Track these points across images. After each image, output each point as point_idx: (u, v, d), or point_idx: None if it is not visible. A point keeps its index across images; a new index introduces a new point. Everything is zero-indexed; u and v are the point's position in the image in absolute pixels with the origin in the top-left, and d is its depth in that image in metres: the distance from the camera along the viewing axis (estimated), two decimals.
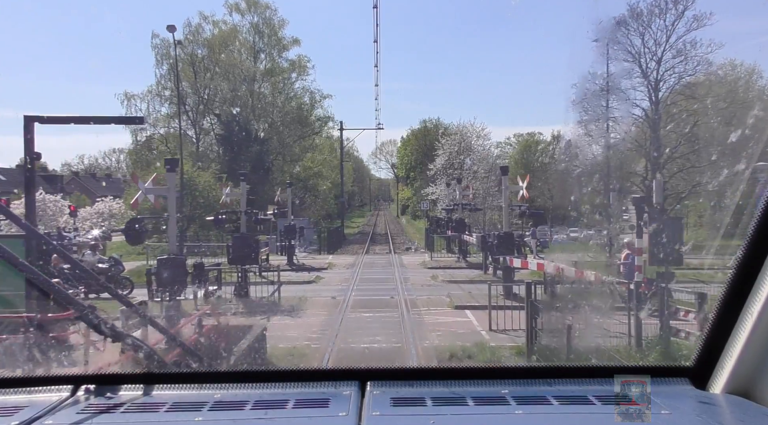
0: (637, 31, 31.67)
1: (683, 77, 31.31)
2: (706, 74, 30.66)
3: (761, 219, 1.76)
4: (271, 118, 44.23)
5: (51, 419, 1.70)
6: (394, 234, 49.09)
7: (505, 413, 1.75)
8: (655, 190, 11.84)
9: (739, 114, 27.35)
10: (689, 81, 31.07)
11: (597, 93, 33.63)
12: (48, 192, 34.72)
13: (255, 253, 16.69)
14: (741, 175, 3.78)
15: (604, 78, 32.69)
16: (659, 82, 32.86)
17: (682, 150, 30.41)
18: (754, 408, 1.79)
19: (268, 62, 47.31)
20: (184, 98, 43.87)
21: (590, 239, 35.90)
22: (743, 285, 1.83)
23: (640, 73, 32.88)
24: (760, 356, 1.82)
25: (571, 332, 8.09)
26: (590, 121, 32.91)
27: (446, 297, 15.50)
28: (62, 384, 1.92)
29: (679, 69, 31.47)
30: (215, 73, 42.76)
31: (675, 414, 1.74)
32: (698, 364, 1.98)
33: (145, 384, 1.93)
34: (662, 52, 31.47)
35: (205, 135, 44.68)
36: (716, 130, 27.94)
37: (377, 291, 17.31)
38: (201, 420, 1.72)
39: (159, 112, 42.55)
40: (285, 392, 1.90)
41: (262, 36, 46.82)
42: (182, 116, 46.04)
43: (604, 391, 1.88)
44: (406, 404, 1.81)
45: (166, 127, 43.64)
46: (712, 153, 27.07)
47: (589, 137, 34.73)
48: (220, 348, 6.46)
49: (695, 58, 30.70)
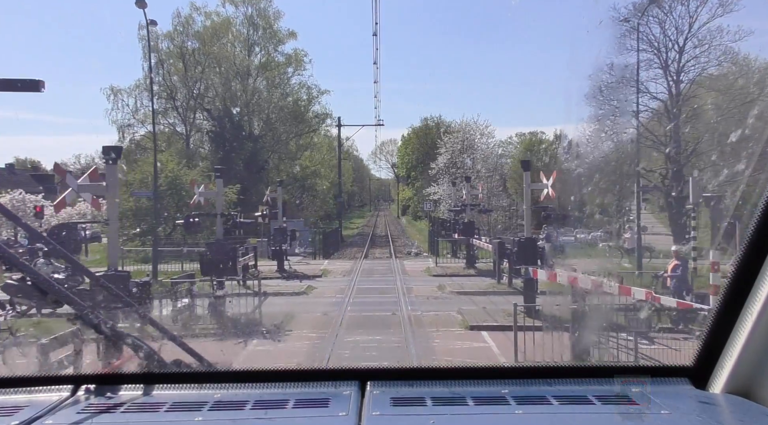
0: (656, 18, 28.96)
1: (706, 68, 28.61)
2: (731, 64, 27.99)
3: (761, 219, 1.77)
4: (266, 114, 41.79)
5: (51, 419, 1.71)
6: (394, 236, 46.62)
7: (505, 413, 1.76)
8: (691, 190, 9.28)
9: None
10: (713, 73, 28.42)
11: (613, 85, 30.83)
12: (36, 191, 32.47)
13: (233, 262, 14.13)
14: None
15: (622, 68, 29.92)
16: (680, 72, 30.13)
17: (704, 146, 27.81)
18: (754, 408, 1.79)
19: (263, 56, 44.97)
20: (173, 93, 41.50)
21: (597, 240, 33.26)
22: (743, 285, 1.83)
23: (659, 64, 30.15)
24: (760, 356, 1.82)
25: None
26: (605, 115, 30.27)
27: (457, 313, 13.24)
28: (62, 384, 1.95)
29: (703, 59, 28.69)
30: (206, 67, 40.09)
31: (675, 414, 1.75)
32: (698, 364, 1.98)
33: (145, 384, 1.95)
34: (684, 40, 28.81)
35: (196, 131, 42.00)
36: (741, 123, 25.33)
37: (376, 306, 15.53)
38: (201, 420, 1.73)
39: (147, 107, 39.90)
40: (285, 392, 1.92)
41: (257, 28, 44.58)
42: (172, 112, 43.36)
43: (604, 391, 1.89)
44: (406, 404, 1.81)
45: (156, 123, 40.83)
46: (738, 149, 24.41)
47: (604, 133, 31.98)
48: None
49: (720, 46, 27.91)
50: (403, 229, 57.65)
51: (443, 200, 47.04)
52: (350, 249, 37.27)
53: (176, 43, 41.77)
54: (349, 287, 18.67)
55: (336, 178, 51.12)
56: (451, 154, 47.98)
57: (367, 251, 34.82)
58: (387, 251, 35.95)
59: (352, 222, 74.35)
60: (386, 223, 68.20)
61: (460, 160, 47.75)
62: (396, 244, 40.02)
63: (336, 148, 53.04)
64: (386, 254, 33.80)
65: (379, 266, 25.89)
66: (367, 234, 49.78)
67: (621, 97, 31.94)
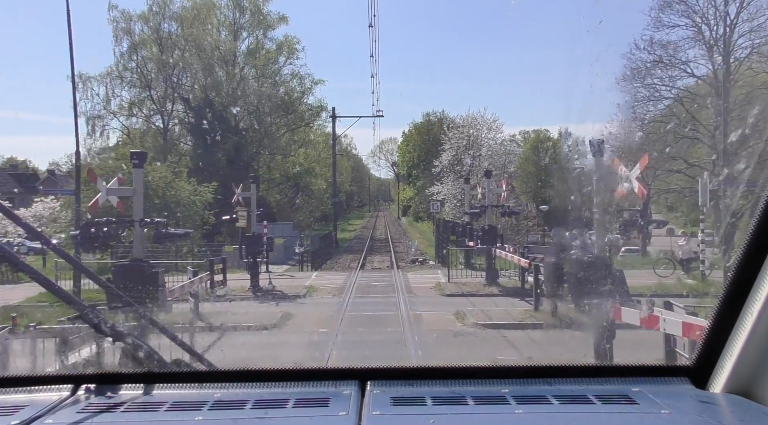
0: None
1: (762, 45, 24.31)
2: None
3: (761, 219, 1.80)
4: (254, 106, 36.76)
5: (51, 418, 1.75)
6: (395, 240, 41.77)
7: (505, 412, 1.79)
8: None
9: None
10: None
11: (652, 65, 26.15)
12: (18, 191, 28.96)
13: (153, 287, 9.27)
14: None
15: (663, 46, 25.32)
16: (729, 49, 25.50)
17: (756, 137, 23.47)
18: (754, 408, 1.82)
19: (251, 42, 40.29)
20: (148, 81, 36.41)
21: (616, 244, 28.51)
22: (743, 285, 1.88)
23: (703, 41, 25.53)
24: (760, 356, 1.86)
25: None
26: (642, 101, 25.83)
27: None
28: (62, 384, 1.98)
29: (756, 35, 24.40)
30: (186, 51, 35.26)
31: (675, 413, 1.78)
32: (698, 364, 2.03)
33: (145, 383, 1.99)
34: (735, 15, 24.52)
35: (175, 124, 37.24)
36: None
37: (374, 348, 11.11)
38: (201, 419, 1.75)
39: (121, 97, 35.39)
40: (285, 391, 1.95)
41: (244, 11, 39.77)
42: (147, 102, 38.51)
43: (604, 391, 1.92)
44: (407, 403, 1.85)
45: (129, 115, 36.36)
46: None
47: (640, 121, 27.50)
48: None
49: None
50: (404, 232, 52.64)
51: (447, 200, 44.03)
52: (345, 257, 32.47)
53: (152, 26, 36.88)
54: (339, 315, 14.07)
55: (337, 178, 46.50)
56: (456, 151, 44.71)
57: (364, 259, 29.99)
58: (387, 259, 31.11)
59: (350, 224, 69.44)
60: (386, 225, 63.37)
61: (467, 156, 44.73)
62: (397, 250, 35.19)
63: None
64: (386, 263, 28.91)
65: (378, 281, 21.08)
66: (366, 238, 44.87)
67: (656, 80, 27.24)
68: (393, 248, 37.24)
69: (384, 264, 29.99)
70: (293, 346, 11.75)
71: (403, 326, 13.51)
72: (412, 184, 71.76)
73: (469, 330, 13.10)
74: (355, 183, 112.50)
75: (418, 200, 66.31)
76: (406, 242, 43.41)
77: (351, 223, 71.21)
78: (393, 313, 15.04)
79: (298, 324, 14.03)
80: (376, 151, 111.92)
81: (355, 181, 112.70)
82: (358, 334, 12.89)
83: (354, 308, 16.05)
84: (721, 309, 1.94)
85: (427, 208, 65.54)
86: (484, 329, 13.20)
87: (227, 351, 10.30)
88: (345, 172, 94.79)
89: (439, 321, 14.19)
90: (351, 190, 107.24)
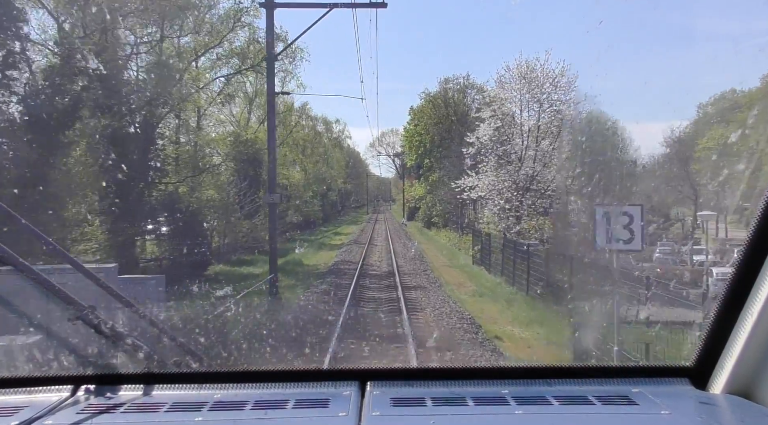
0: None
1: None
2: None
3: (761, 219, 1.85)
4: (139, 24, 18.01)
5: (51, 419, 1.81)
6: (407, 272, 21.76)
7: (505, 413, 1.83)
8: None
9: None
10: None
11: None
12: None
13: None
14: None
15: None
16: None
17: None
18: (754, 408, 1.87)
19: None
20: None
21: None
22: (743, 285, 1.96)
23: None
24: (760, 356, 1.93)
25: None
26: None
27: None
28: (62, 384, 2.10)
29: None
30: None
31: (675, 414, 1.83)
32: (698, 364, 2.12)
33: (145, 384, 2.09)
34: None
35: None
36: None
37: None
38: (201, 420, 1.81)
39: None
40: (285, 392, 1.99)
41: None
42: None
43: (604, 391, 1.98)
44: (406, 404, 1.90)
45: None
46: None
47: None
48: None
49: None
50: (418, 251, 31.16)
51: (490, 198, 29.27)
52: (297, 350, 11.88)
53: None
54: None
55: (325, 171, 33.41)
56: (502, 120, 29.38)
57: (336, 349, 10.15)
58: (402, 348, 10.60)
59: (339, 233, 51.61)
60: (388, 235, 46.12)
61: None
62: (415, 305, 14.90)
63: (322, 133, 33.94)
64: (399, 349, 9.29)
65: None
66: (355, 265, 24.96)
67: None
68: (405, 301, 15.76)
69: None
70: None
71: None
72: (423, 179, 53.01)
73: None
74: (351, 180, 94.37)
75: (431, 200, 49.49)
76: (425, 277, 22.13)
77: (340, 232, 53.11)
78: None
79: None
80: (375, 144, 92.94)
81: (351, 178, 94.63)
82: None
83: None
84: (721, 310, 2.04)
85: (446, 210, 45.88)
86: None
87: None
88: (338, 165, 77.31)
89: None
90: (346, 188, 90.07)
